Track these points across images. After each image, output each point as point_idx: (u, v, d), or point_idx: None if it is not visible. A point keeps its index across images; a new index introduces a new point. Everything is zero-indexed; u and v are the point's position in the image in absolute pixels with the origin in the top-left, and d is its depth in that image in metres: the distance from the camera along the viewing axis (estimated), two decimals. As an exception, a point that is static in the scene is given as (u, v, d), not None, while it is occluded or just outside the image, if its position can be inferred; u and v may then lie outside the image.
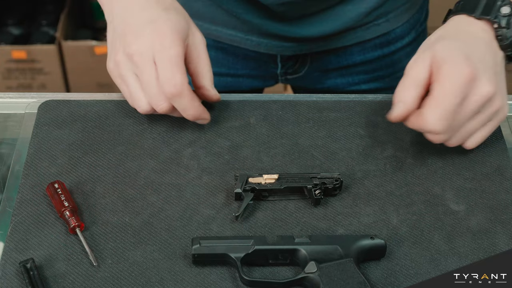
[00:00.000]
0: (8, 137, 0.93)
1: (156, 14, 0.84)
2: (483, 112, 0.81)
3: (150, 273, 0.75)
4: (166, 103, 0.83)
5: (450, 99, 0.78)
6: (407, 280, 0.75)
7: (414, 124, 0.80)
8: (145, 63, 0.82)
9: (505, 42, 0.82)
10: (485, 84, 0.79)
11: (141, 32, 0.83)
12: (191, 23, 0.88)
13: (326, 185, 0.81)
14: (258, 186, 0.80)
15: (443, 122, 0.78)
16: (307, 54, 1.11)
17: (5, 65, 2.26)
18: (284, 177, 0.81)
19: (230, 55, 1.12)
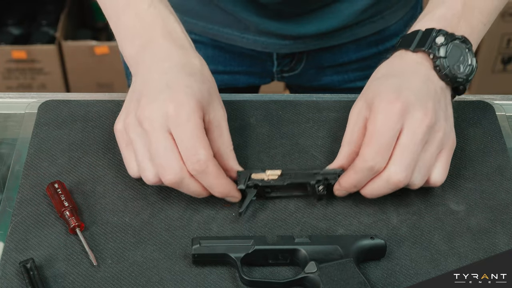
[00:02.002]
0: (8, 137, 0.93)
1: (177, 79, 0.78)
2: (431, 142, 0.78)
3: (150, 273, 0.75)
4: (174, 175, 0.75)
5: (383, 132, 0.76)
6: (407, 280, 0.75)
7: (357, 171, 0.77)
8: (156, 131, 0.76)
9: (443, 71, 0.81)
10: (419, 112, 0.76)
11: (156, 97, 0.77)
12: (215, 95, 0.81)
13: (329, 181, 0.80)
14: (261, 183, 0.80)
15: (380, 155, 0.76)
16: (303, 52, 1.11)
17: (5, 65, 2.26)
18: (287, 173, 0.81)
19: (227, 53, 1.12)
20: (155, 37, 0.81)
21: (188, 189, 0.77)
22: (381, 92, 0.78)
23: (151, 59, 0.80)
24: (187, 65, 0.80)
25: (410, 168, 0.76)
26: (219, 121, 0.79)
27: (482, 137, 0.89)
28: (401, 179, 0.76)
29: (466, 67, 0.83)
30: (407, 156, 0.76)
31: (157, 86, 0.78)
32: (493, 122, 0.91)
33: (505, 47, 2.29)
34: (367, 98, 0.80)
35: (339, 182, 0.79)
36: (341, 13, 1.05)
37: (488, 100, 0.95)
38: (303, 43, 1.09)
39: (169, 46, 0.81)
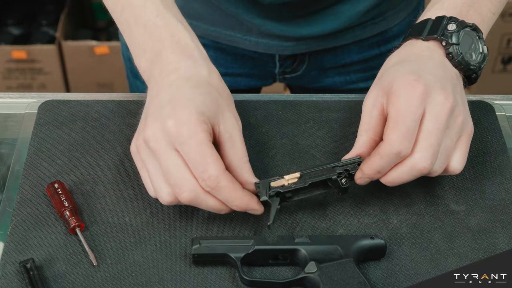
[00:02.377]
0: (8, 137, 0.93)
1: (179, 93, 0.75)
2: (452, 127, 0.76)
3: (150, 273, 0.75)
4: (189, 192, 0.73)
5: (407, 117, 0.74)
6: (407, 280, 0.75)
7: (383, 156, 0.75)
8: (163, 151, 0.73)
9: (456, 58, 0.80)
10: (441, 95, 0.75)
11: (159, 114, 0.74)
12: (225, 105, 0.77)
13: (350, 171, 0.78)
14: (282, 189, 0.77)
15: (407, 140, 0.74)
16: (305, 53, 1.11)
17: (5, 65, 2.26)
18: (306, 173, 0.78)
19: (229, 55, 1.12)
20: (163, 50, 0.79)
21: (206, 205, 0.75)
22: (399, 77, 0.77)
23: (160, 73, 0.78)
24: (193, 77, 0.77)
25: (434, 155, 0.75)
26: (230, 132, 0.76)
27: (482, 137, 0.90)
28: (426, 166, 0.75)
29: (478, 55, 0.82)
30: (431, 143, 0.74)
31: (161, 102, 0.76)
32: (493, 122, 0.91)
33: (505, 47, 2.29)
34: (383, 85, 0.78)
35: (361, 169, 0.77)
36: (343, 15, 1.05)
37: (488, 100, 0.95)
38: (305, 45, 1.09)
39: (176, 58, 0.79)
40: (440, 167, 0.77)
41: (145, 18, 0.81)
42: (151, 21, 0.81)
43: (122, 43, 1.20)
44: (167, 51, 0.79)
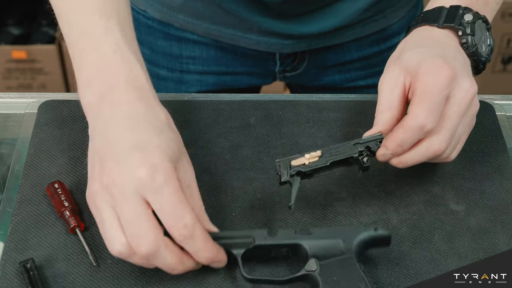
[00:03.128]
0: (8, 137, 0.93)
1: (146, 139, 0.71)
2: (467, 115, 0.78)
3: (150, 273, 0.75)
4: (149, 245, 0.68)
5: (435, 93, 0.74)
6: (407, 280, 0.75)
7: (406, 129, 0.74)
8: (128, 199, 0.68)
9: (471, 49, 0.81)
10: (467, 81, 0.76)
11: (125, 160, 0.70)
12: (183, 151, 0.74)
13: (371, 149, 0.77)
14: (303, 168, 0.76)
15: (432, 115, 0.74)
16: (306, 51, 1.11)
17: (5, 65, 2.26)
18: (327, 151, 0.77)
19: (229, 54, 1.12)
20: (116, 85, 0.74)
21: (164, 261, 0.70)
22: (427, 59, 0.76)
23: (112, 112, 0.73)
24: (154, 121, 0.73)
25: (450, 139, 0.76)
26: (189, 180, 0.73)
27: (482, 137, 0.90)
28: (442, 149, 0.75)
29: (487, 47, 0.83)
30: (450, 127, 0.75)
31: (124, 147, 0.70)
32: (493, 122, 0.91)
33: (505, 47, 2.29)
34: (406, 66, 0.77)
35: (384, 144, 0.76)
36: (343, 12, 1.05)
37: (488, 100, 0.95)
38: (305, 43, 1.09)
39: (131, 98, 0.74)
40: (450, 151, 0.78)
41: (102, 49, 0.76)
42: (109, 54, 0.76)
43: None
44: (121, 88, 0.74)
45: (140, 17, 1.11)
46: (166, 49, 1.13)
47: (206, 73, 1.14)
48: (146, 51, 1.14)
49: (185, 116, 0.91)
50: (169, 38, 1.11)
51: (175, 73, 1.15)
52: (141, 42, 1.14)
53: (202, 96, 0.95)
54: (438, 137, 0.75)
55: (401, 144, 0.75)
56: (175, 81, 1.16)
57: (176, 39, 1.11)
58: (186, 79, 1.15)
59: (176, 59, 1.13)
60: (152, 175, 0.68)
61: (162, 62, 1.14)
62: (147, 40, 1.13)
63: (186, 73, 1.15)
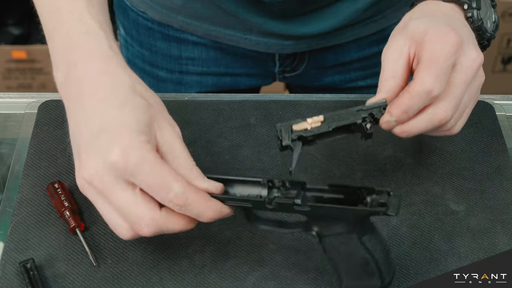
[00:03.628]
0: (8, 137, 0.93)
1: (109, 116, 0.67)
2: (473, 84, 0.76)
3: (150, 273, 0.75)
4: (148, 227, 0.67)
5: (442, 60, 0.73)
6: (407, 280, 0.75)
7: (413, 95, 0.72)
8: (110, 188, 0.66)
9: (476, 23, 0.79)
10: (473, 51, 0.74)
11: (94, 147, 0.66)
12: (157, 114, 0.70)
13: (375, 116, 0.74)
14: (305, 133, 0.73)
15: (439, 80, 0.72)
16: (305, 52, 1.11)
17: (5, 65, 2.26)
18: (330, 117, 0.74)
19: (229, 55, 1.12)
20: (77, 61, 0.71)
21: (172, 230, 0.69)
22: (433, 27, 0.75)
23: (76, 91, 0.70)
24: (116, 91, 0.69)
25: (456, 107, 0.74)
26: (169, 141, 0.69)
27: (482, 137, 0.90)
28: (447, 117, 0.74)
29: (492, 23, 0.82)
30: (456, 95, 0.74)
31: (91, 132, 0.67)
32: (493, 122, 0.91)
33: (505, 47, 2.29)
34: (412, 35, 0.76)
35: (388, 110, 0.74)
36: (342, 13, 1.05)
37: (488, 100, 0.95)
38: (305, 43, 1.09)
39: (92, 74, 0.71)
40: (455, 121, 0.76)
41: (68, 26, 0.74)
42: (73, 30, 0.73)
43: (121, 43, 1.20)
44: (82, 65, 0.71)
45: (140, 18, 1.11)
46: (165, 50, 1.13)
47: (206, 74, 1.14)
48: (145, 52, 1.14)
49: (185, 116, 0.91)
50: (168, 39, 1.11)
51: (174, 74, 1.15)
52: (141, 44, 1.14)
53: (202, 96, 0.95)
54: (443, 103, 0.73)
55: (407, 110, 0.73)
56: (175, 82, 1.16)
57: (176, 40, 1.11)
58: (186, 80, 1.15)
59: (176, 60, 1.13)
60: (124, 157, 0.65)
61: (161, 63, 1.14)
62: (147, 41, 1.13)
63: (185, 74, 1.15)
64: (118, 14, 1.17)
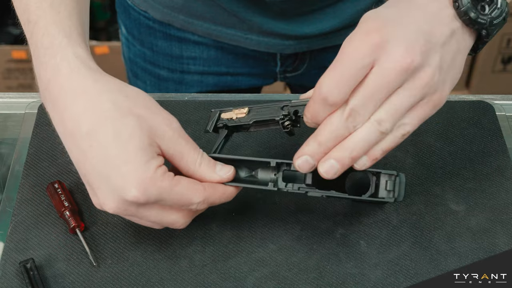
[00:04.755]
0: (8, 137, 0.93)
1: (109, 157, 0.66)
2: (408, 87, 0.65)
3: (150, 273, 0.75)
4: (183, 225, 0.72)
5: (348, 62, 0.65)
6: (407, 280, 0.75)
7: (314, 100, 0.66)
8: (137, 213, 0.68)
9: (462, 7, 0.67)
10: (398, 51, 0.64)
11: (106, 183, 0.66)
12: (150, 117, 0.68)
13: (299, 114, 0.72)
14: (229, 123, 0.75)
15: (337, 87, 0.64)
16: (306, 52, 1.12)
17: (5, 65, 2.26)
18: (254, 110, 0.74)
19: (230, 54, 1.12)
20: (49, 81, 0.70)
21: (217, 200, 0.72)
22: (364, 21, 0.67)
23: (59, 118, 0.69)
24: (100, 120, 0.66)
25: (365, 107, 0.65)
26: (173, 145, 0.69)
27: (482, 137, 0.90)
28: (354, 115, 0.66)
29: (493, 9, 0.69)
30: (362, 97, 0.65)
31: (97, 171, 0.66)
32: (493, 122, 0.91)
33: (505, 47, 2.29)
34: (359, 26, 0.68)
35: (304, 112, 0.69)
36: (344, 13, 1.05)
37: (488, 100, 0.95)
38: (306, 43, 1.09)
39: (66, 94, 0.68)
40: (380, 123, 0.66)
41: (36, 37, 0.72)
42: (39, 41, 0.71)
43: (122, 42, 1.21)
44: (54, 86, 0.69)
45: (141, 17, 1.11)
46: (166, 50, 1.13)
47: (207, 74, 1.15)
48: (146, 51, 1.15)
49: (185, 116, 0.91)
50: (169, 39, 1.11)
51: (175, 73, 1.15)
52: (142, 43, 1.14)
53: (202, 96, 0.95)
54: (349, 103, 0.66)
55: (314, 116, 0.67)
56: (176, 81, 1.16)
57: (177, 39, 1.11)
58: (187, 79, 1.15)
59: (177, 59, 1.13)
60: (143, 194, 0.66)
61: (162, 63, 1.15)
62: (148, 40, 1.13)
63: (186, 73, 1.15)
64: (119, 13, 1.17)
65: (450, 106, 0.93)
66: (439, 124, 0.91)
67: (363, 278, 0.75)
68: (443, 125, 0.91)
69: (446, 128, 0.90)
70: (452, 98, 0.94)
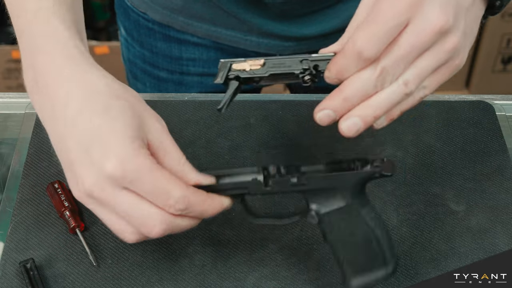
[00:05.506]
0: (8, 137, 0.93)
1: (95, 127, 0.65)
2: (434, 49, 0.65)
3: (150, 273, 0.75)
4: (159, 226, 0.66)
5: (385, 18, 0.64)
6: (407, 280, 0.75)
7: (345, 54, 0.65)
8: (112, 196, 0.65)
9: None
10: (435, 11, 0.64)
11: (87, 159, 0.64)
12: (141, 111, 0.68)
13: (319, 68, 0.69)
14: (242, 74, 0.70)
15: (373, 41, 0.64)
16: (306, 53, 1.11)
17: (5, 65, 2.26)
18: (271, 61, 0.70)
19: (230, 55, 1.12)
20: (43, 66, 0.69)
21: (181, 228, 0.68)
22: None
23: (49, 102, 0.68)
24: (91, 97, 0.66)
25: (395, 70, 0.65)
26: (159, 139, 0.68)
27: (482, 137, 0.90)
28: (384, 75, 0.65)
29: None
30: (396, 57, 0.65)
31: (79, 145, 0.65)
32: (493, 122, 0.91)
33: (505, 47, 2.29)
34: None
35: (328, 66, 0.68)
36: (344, 14, 1.05)
37: (488, 100, 0.95)
38: (306, 44, 1.09)
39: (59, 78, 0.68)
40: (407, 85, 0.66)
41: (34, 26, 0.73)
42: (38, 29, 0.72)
43: (122, 44, 1.20)
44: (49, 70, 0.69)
45: (140, 19, 1.11)
46: (166, 51, 1.13)
47: (207, 75, 1.15)
48: (146, 53, 1.14)
49: (185, 116, 0.91)
50: (169, 40, 1.11)
51: (175, 75, 1.15)
52: (141, 44, 1.14)
53: (202, 96, 0.95)
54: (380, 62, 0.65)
55: (341, 70, 0.66)
56: (176, 83, 1.16)
57: (176, 41, 1.11)
58: (186, 81, 1.15)
59: (176, 61, 1.13)
60: (122, 166, 0.63)
61: (162, 64, 1.14)
62: (147, 42, 1.13)
63: (186, 75, 1.15)
64: (119, 14, 1.17)
65: (450, 106, 0.93)
66: (439, 124, 0.91)
67: (363, 278, 0.75)
68: (443, 125, 0.91)
69: (446, 128, 0.90)
70: (452, 98, 0.94)
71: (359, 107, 0.67)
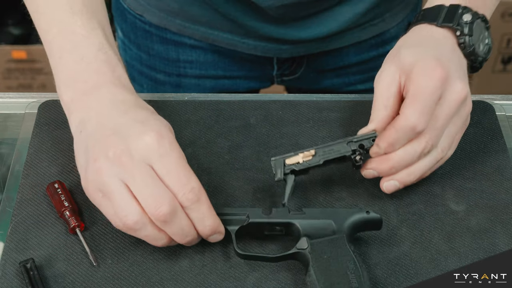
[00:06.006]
0: (8, 137, 0.93)
1: (143, 116, 0.75)
2: (459, 114, 0.79)
3: (150, 273, 0.75)
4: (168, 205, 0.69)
5: (427, 95, 0.76)
6: (407, 280, 0.75)
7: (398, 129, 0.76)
8: (137, 165, 0.70)
9: (467, 50, 0.81)
10: (459, 83, 0.78)
11: (129, 132, 0.72)
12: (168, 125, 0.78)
13: (365, 147, 0.79)
14: (297, 167, 0.78)
15: (423, 116, 0.76)
16: (304, 55, 1.11)
17: (5, 65, 2.26)
18: (321, 150, 0.79)
19: (227, 58, 1.12)
20: (103, 83, 0.77)
21: (179, 223, 0.71)
22: (421, 60, 0.78)
23: (100, 105, 0.76)
24: (144, 107, 0.77)
25: (438, 138, 0.78)
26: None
27: (482, 137, 0.90)
28: (428, 147, 0.77)
29: (485, 46, 0.83)
30: (437, 127, 0.77)
31: (123, 123, 0.73)
32: (493, 122, 0.91)
33: (505, 47, 2.29)
34: (402, 65, 0.79)
35: (377, 143, 0.78)
36: (341, 17, 1.05)
37: (488, 100, 0.95)
38: (303, 47, 1.09)
39: (121, 92, 0.77)
40: (443, 151, 0.79)
41: (84, 49, 0.79)
42: (92, 53, 0.79)
43: (119, 46, 1.20)
44: (109, 84, 0.77)
45: (137, 21, 1.11)
46: (163, 54, 1.13)
47: (204, 77, 1.15)
48: (143, 55, 1.14)
49: (185, 116, 0.91)
50: (166, 43, 1.11)
51: (172, 77, 1.15)
52: (138, 46, 1.14)
53: (202, 96, 0.95)
54: (425, 136, 0.77)
55: (393, 143, 0.77)
56: (173, 85, 1.16)
57: (173, 43, 1.11)
58: (184, 83, 1.15)
59: (174, 63, 1.13)
60: (158, 140, 0.71)
61: (159, 66, 1.14)
62: (144, 44, 1.13)
63: (183, 77, 1.15)
64: (116, 16, 1.17)
65: (450, 106, 0.93)
66: (439, 124, 0.91)
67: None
68: (443, 125, 0.91)
69: (446, 128, 0.90)
70: (452, 98, 0.94)
71: (401, 173, 0.79)
